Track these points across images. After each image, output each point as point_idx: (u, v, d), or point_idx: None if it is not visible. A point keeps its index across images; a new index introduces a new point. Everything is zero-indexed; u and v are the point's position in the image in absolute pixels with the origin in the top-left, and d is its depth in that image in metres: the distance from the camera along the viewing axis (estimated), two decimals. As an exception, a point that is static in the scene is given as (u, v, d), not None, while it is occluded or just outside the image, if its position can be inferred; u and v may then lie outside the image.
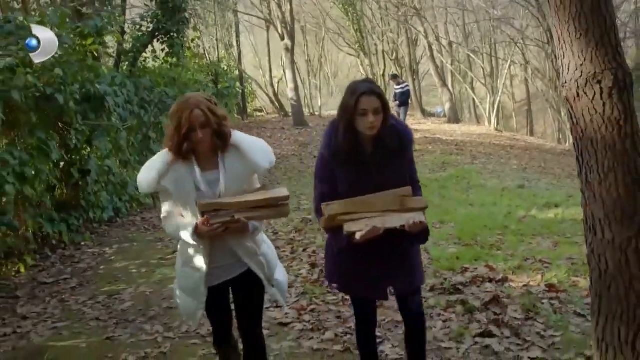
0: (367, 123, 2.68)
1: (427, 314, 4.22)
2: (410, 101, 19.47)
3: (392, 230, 2.66)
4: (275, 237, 6.97)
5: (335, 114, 2.88)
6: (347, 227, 2.65)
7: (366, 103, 2.67)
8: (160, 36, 11.94)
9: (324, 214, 2.69)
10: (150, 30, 11.83)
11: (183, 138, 2.67)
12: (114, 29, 9.31)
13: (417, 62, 29.40)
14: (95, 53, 8.17)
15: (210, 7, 21.09)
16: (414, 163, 2.97)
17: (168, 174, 2.73)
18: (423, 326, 3.11)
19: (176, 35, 12.01)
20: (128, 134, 9.20)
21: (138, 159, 9.87)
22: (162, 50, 12.53)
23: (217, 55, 22.73)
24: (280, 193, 2.81)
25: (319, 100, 30.08)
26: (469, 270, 5.35)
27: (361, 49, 29.52)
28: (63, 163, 7.38)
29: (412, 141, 2.91)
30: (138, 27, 12.05)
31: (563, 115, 20.98)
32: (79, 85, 7.26)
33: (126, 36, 11.73)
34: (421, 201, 2.76)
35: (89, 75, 7.55)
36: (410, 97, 19.45)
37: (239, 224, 2.71)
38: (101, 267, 6.33)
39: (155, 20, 11.73)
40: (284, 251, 6.35)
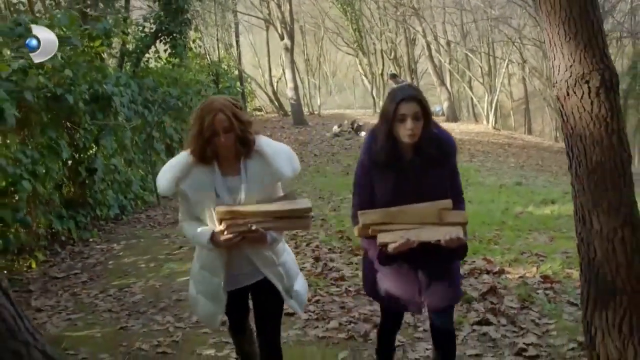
0: (406, 130, 2.60)
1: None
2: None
3: (428, 244, 2.57)
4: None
5: (334, 113, 2.92)
6: (381, 238, 2.58)
7: (405, 108, 2.59)
8: (163, 37, 12.14)
9: (360, 222, 2.62)
10: (153, 31, 12.00)
11: (205, 142, 2.59)
12: (122, 29, 9.47)
13: (416, 61, 29.53)
14: (102, 54, 8.34)
15: (210, 8, 21.25)
16: (458, 174, 2.85)
17: (187, 178, 2.67)
18: (452, 344, 2.97)
19: (179, 36, 12.19)
20: (132, 134, 9.38)
21: (142, 158, 10.08)
22: (165, 50, 12.69)
23: (218, 55, 22.87)
24: (302, 204, 2.69)
25: (318, 99, 30.25)
26: (467, 263, 5.53)
27: (360, 48, 29.69)
28: (71, 161, 7.56)
29: (455, 150, 2.80)
30: (141, 28, 12.21)
31: (560, 113, 21.08)
32: (88, 85, 7.46)
33: (129, 37, 11.88)
34: (461, 215, 2.63)
35: (97, 75, 7.74)
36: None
37: (257, 234, 2.63)
38: (110, 262, 6.51)
39: (158, 21, 11.90)
40: (288, 246, 6.52)
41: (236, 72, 23.45)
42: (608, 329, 3.01)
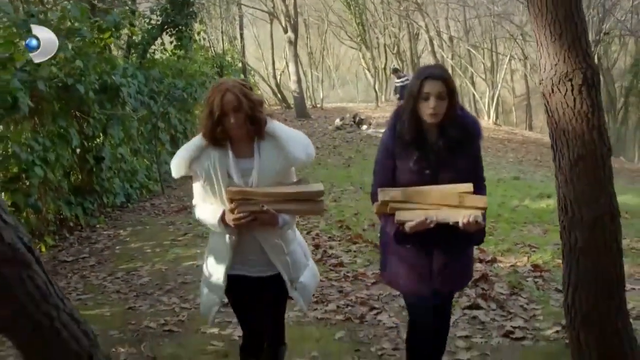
0: (429, 108, 2.56)
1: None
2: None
3: (445, 226, 2.55)
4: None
5: (337, 106, 3.00)
6: (399, 216, 2.56)
7: (430, 87, 2.56)
8: (169, 29, 12.35)
9: (379, 199, 2.60)
10: (159, 23, 12.23)
11: (216, 123, 2.59)
12: (130, 21, 9.67)
13: (419, 56, 29.70)
14: (112, 46, 8.55)
15: (215, 0, 21.41)
16: (480, 159, 2.83)
17: (200, 159, 2.67)
18: (447, 324, 3.04)
19: (184, 28, 12.41)
20: (138, 124, 9.60)
21: (147, 148, 10.30)
22: (171, 42, 12.89)
23: (222, 47, 23.05)
24: (314, 188, 2.67)
25: (321, 92, 30.40)
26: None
27: (363, 42, 29.83)
28: (79, 150, 7.79)
29: (480, 135, 2.78)
30: (148, 20, 12.42)
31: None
32: (97, 76, 7.68)
33: (135, 28, 12.08)
34: (481, 200, 2.59)
35: (106, 66, 7.95)
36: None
37: (268, 215, 2.59)
38: (117, 247, 6.74)
39: (164, 13, 12.12)
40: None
41: (240, 65, 23.63)
42: (588, 312, 3.23)
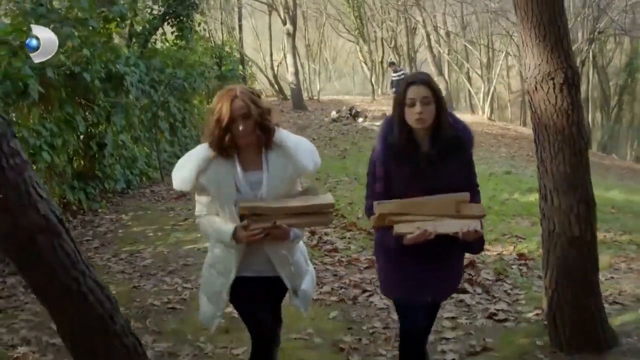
0: (415, 114, 2.54)
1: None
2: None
3: (445, 236, 2.55)
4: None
5: (333, 99, 3.12)
6: (397, 229, 2.54)
7: (414, 92, 2.55)
8: (170, 20, 12.52)
9: (375, 212, 2.57)
10: (161, 13, 12.40)
11: (224, 130, 2.51)
12: (136, 11, 9.85)
13: (415, 51, 29.89)
14: (114, 34, 8.76)
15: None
16: (473, 166, 2.82)
17: (207, 171, 2.58)
18: (429, 329, 2.99)
19: (186, 19, 12.59)
20: (139, 112, 9.81)
21: (147, 136, 10.52)
22: (172, 33, 13.07)
23: (222, 38, 23.19)
24: (325, 200, 2.66)
25: (318, 84, 30.58)
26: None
27: (360, 36, 30.01)
28: (83, 136, 8.00)
29: (472, 142, 2.74)
30: (150, 11, 12.59)
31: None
32: (103, 64, 7.89)
33: (137, 18, 12.26)
34: (478, 208, 2.63)
35: (111, 55, 8.16)
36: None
37: (280, 231, 2.56)
38: (120, 231, 6.97)
39: (166, 4, 12.27)
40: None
41: (238, 55, 23.77)
42: (564, 292, 3.51)
